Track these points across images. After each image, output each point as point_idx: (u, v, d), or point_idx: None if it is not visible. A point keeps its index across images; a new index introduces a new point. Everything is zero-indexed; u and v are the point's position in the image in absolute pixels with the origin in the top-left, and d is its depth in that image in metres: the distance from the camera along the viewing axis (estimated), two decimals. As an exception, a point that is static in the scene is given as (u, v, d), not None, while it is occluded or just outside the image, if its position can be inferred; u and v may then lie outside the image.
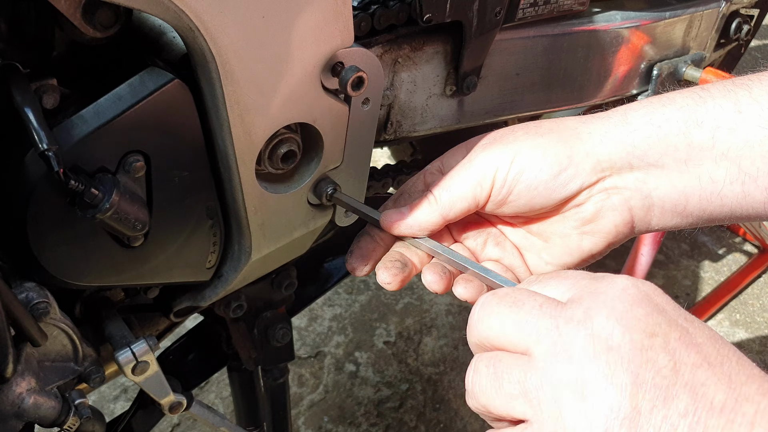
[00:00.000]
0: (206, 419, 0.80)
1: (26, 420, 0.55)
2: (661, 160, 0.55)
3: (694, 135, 0.53)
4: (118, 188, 0.51)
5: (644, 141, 0.55)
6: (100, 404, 1.77)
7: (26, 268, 0.54)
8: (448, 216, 0.59)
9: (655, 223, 0.58)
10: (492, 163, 0.57)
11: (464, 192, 0.58)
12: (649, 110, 0.56)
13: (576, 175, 0.56)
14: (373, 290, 2.13)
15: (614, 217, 0.57)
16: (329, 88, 0.59)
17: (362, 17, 0.71)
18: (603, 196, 0.57)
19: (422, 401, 1.82)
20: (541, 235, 0.61)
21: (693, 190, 0.54)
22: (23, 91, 0.48)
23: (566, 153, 0.56)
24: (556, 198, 0.57)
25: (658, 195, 0.56)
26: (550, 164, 0.56)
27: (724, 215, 0.55)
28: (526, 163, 0.56)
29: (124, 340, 0.64)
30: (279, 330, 0.92)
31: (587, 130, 0.57)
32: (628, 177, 0.56)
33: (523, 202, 0.57)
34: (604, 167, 0.56)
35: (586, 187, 0.57)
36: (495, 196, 0.58)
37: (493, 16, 0.80)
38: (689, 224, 0.58)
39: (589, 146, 0.56)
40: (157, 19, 0.56)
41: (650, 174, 0.55)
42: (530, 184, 0.56)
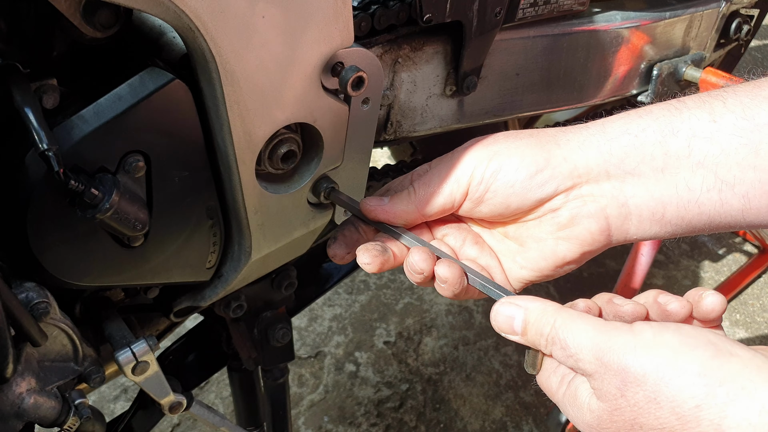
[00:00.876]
0: (206, 419, 0.80)
1: (26, 420, 0.55)
2: (638, 169, 0.56)
3: (671, 144, 0.54)
4: (118, 188, 0.51)
5: (621, 149, 0.56)
6: (100, 404, 1.77)
7: (26, 268, 0.54)
8: (424, 210, 0.60)
9: (633, 231, 0.58)
10: (471, 161, 0.59)
11: (441, 188, 0.60)
12: (626, 121, 0.57)
13: (552, 177, 0.57)
14: (373, 290, 2.13)
15: (590, 225, 0.58)
16: (329, 88, 0.59)
17: (362, 17, 0.71)
18: (579, 203, 0.58)
19: (422, 401, 1.82)
20: (518, 239, 0.62)
21: (670, 198, 0.55)
22: (23, 91, 0.48)
23: (544, 156, 0.57)
24: (532, 198, 0.58)
25: (635, 203, 0.57)
26: (527, 165, 0.57)
27: (703, 223, 0.56)
28: (504, 162, 0.58)
29: (124, 340, 0.64)
30: (279, 330, 0.92)
31: (565, 138, 0.59)
32: (604, 185, 0.57)
33: (499, 200, 0.59)
34: (581, 173, 0.57)
35: (562, 191, 0.58)
36: (472, 194, 0.59)
37: (493, 16, 0.80)
38: (668, 233, 0.58)
39: (566, 151, 0.58)
40: (157, 19, 0.56)
41: (627, 182, 0.57)
42: (507, 182, 0.58)
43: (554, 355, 0.49)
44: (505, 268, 0.63)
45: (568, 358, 0.47)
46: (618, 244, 0.60)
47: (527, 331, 0.50)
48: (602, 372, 0.45)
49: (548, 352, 0.49)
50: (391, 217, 0.61)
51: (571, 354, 0.47)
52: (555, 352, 0.48)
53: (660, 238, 0.60)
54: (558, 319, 0.48)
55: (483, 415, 1.79)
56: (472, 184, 0.59)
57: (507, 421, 1.79)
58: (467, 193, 0.60)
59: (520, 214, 0.60)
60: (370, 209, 0.61)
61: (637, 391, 0.43)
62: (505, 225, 0.63)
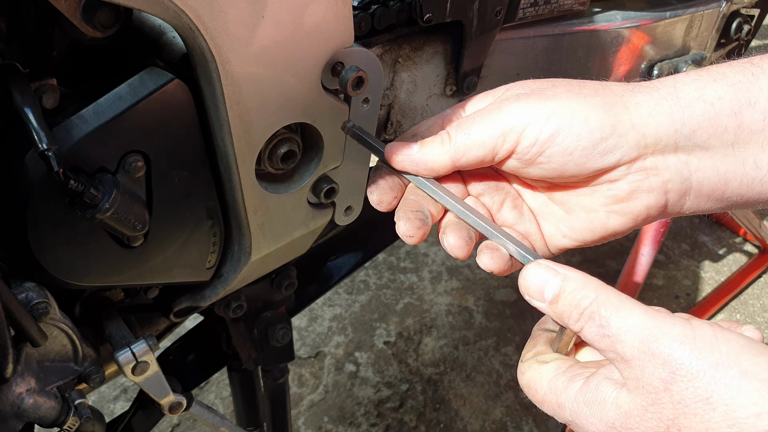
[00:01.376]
0: (206, 419, 0.80)
1: (26, 420, 0.55)
2: (708, 142, 0.51)
3: (746, 116, 0.49)
4: (117, 188, 0.51)
5: (695, 119, 0.50)
6: (100, 404, 1.77)
7: (26, 268, 0.54)
8: (459, 161, 0.54)
9: (688, 207, 0.54)
10: (524, 116, 0.52)
11: (484, 139, 0.52)
12: (700, 84, 0.51)
13: (617, 146, 0.51)
14: (373, 290, 2.13)
15: (648, 200, 0.53)
16: (329, 88, 0.59)
17: (362, 17, 0.71)
18: (641, 176, 0.52)
19: (422, 401, 1.82)
20: (564, 205, 0.56)
21: (735, 175, 0.51)
22: (23, 91, 0.48)
23: (610, 121, 0.51)
24: (591, 168, 0.52)
25: (698, 178, 0.52)
26: (591, 130, 0.51)
27: (762, 201, 0.52)
28: (564, 125, 0.51)
29: (123, 340, 0.64)
30: (279, 330, 0.92)
31: (635, 101, 0.52)
32: (670, 158, 0.52)
33: (554, 166, 0.52)
34: (648, 143, 0.51)
35: (625, 163, 0.52)
36: (522, 154, 0.53)
37: (493, 15, 0.79)
38: (722, 208, 0.54)
39: (636, 117, 0.51)
40: (157, 19, 0.56)
41: (693, 155, 0.52)
42: (566, 148, 0.51)
43: (585, 333, 0.44)
44: (545, 234, 0.57)
45: (603, 338, 0.43)
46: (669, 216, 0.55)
47: (558, 300, 0.45)
48: (646, 359, 0.40)
49: (578, 328, 0.44)
50: (421, 167, 0.54)
51: (610, 334, 0.42)
52: (588, 330, 0.44)
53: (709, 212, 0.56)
54: (602, 295, 0.44)
55: (483, 415, 1.79)
56: (522, 143, 0.52)
57: (507, 421, 1.79)
58: (514, 151, 0.53)
59: (572, 183, 0.55)
60: (397, 158, 0.54)
61: (687, 386, 0.38)
62: (552, 189, 0.57)
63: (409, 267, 2.21)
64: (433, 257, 2.26)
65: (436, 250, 2.29)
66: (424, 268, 2.21)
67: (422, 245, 2.30)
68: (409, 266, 2.21)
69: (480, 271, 2.21)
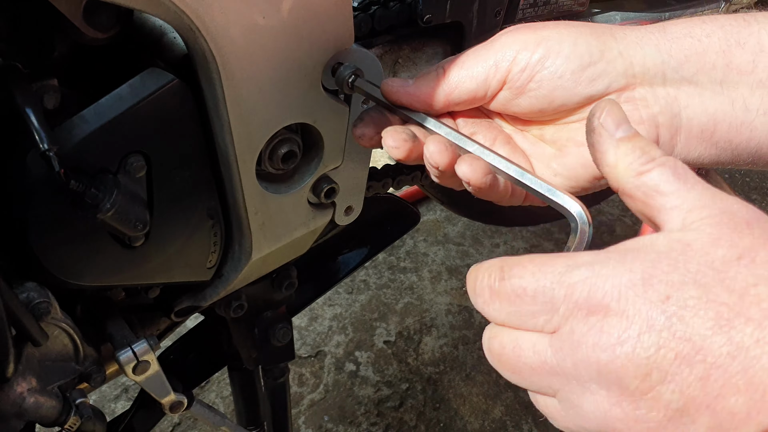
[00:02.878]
0: (207, 419, 0.80)
1: (27, 419, 0.55)
2: (696, 77, 0.51)
3: (735, 55, 0.49)
4: (118, 188, 0.51)
5: (681, 52, 0.51)
6: (101, 404, 1.77)
7: (27, 267, 0.54)
8: (452, 95, 0.54)
9: (679, 150, 0.53)
10: (514, 44, 0.52)
11: (476, 70, 0.52)
12: (689, 24, 0.52)
13: (605, 72, 0.51)
14: (373, 290, 2.13)
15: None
16: (329, 89, 0.59)
17: (362, 18, 0.71)
18: (630, 107, 0.52)
19: (422, 401, 1.82)
20: (556, 143, 0.56)
21: (724, 115, 0.51)
22: (24, 92, 0.48)
23: (598, 47, 0.51)
24: (581, 94, 0.52)
25: (687, 115, 0.52)
26: (579, 54, 0.51)
27: (749, 152, 0.52)
28: (553, 48, 0.51)
29: (124, 339, 0.64)
30: (279, 329, 0.92)
31: (622, 33, 0.53)
32: (659, 90, 0.52)
33: (543, 92, 0.52)
34: (636, 72, 0.51)
35: (614, 91, 0.52)
36: (513, 81, 0.52)
37: (492, 16, 0.80)
38: (713, 157, 0.53)
39: (623, 46, 0.52)
40: (158, 20, 0.56)
41: (682, 90, 0.51)
42: (555, 71, 0.51)
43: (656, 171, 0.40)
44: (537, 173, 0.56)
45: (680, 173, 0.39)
46: None
47: (632, 139, 0.42)
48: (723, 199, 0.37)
49: (645, 169, 0.40)
50: (414, 100, 0.54)
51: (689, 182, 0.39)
52: (662, 167, 0.40)
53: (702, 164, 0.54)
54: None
55: (483, 415, 1.80)
56: (513, 70, 0.52)
57: (507, 420, 1.79)
58: (506, 80, 0.52)
59: (562, 113, 0.54)
60: (392, 90, 0.54)
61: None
62: (542, 125, 0.57)
63: (409, 267, 2.21)
64: (433, 257, 2.26)
65: (436, 250, 2.29)
66: (424, 268, 2.21)
67: (422, 245, 2.30)
68: (409, 266, 2.21)
69: (480, 270, 2.21)
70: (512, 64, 0.52)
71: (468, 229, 2.38)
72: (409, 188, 2.30)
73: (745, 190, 2.61)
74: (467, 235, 2.36)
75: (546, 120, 0.56)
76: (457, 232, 2.37)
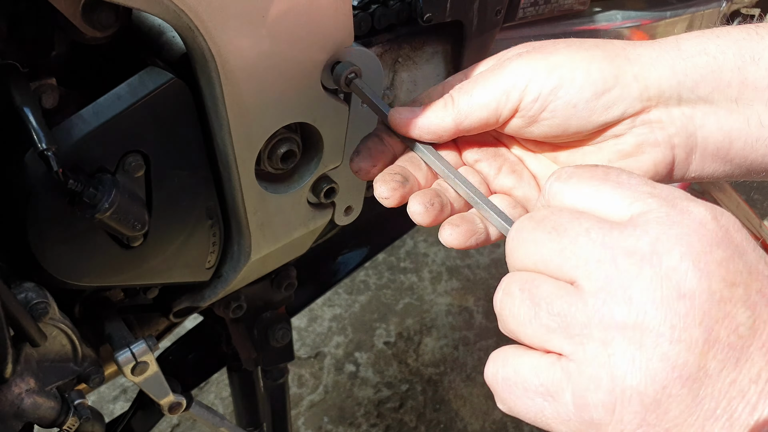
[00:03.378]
0: (206, 419, 0.80)
1: (25, 420, 0.55)
2: (711, 95, 0.50)
3: (749, 71, 0.49)
4: (117, 188, 0.51)
5: (697, 71, 0.50)
6: (100, 405, 1.77)
7: (26, 268, 0.54)
8: (462, 124, 0.52)
9: (693, 168, 0.53)
10: (525, 72, 0.51)
11: (487, 99, 0.51)
12: (702, 40, 0.51)
13: (621, 98, 0.50)
14: (373, 290, 2.13)
15: (655, 155, 0.52)
16: (329, 88, 0.59)
17: (362, 17, 0.71)
18: (646, 130, 0.51)
19: (422, 402, 1.82)
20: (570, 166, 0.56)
21: (739, 133, 0.50)
22: (23, 91, 0.48)
23: (612, 72, 0.50)
24: (596, 122, 0.51)
25: (703, 135, 0.51)
26: (593, 81, 0.50)
27: (766, 165, 0.51)
28: (566, 77, 0.50)
29: (123, 340, 0.64)
30: (279, 330, 0.92)
31: (636, 53, 0.52)
32: (674, 111, 0.51)
33: (557, 122, 0.51)
34: (651, 95, 0.51)
35: (629, 116, 0.51)
36: (525, 111, 0.51)
37: (493, 15, 0.79)
38: (726, 173, 0.53)
39: (637, 69, 0.51)
40: (157, 19, 0.56)
41: (698, 109, 0.51)
42: (569, 101, 0.50)
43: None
44: None
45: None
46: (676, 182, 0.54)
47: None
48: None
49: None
50: (424, 132, 0.52)
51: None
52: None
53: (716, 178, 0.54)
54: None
55: (483, 416, 1.79)
56: (525, 99, 0.51)
57: (507, 421, 1.79)
58: (518, 109, 0.52)
59: (577, 140, 0.53)
60: (400, 121, 0.53)
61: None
62: (556, 150, 0.56)
63: (409, 267, 2.21)
64: (433, 257, 2.26)
65: (436, 250, 2.29)
66: (424, 268, 2.21)
67: (422, 245, 2.30)
68: (409, 266, 2.21)
69: (480, 271, 2.21)
70: (524, 93, 0.51)
71: (468, 229, 2.38)
72: (409, 189, 2.29)
73: (746, 189, 2.61)
74: (467, 236, 2.36)
75: (560, 144, 0.55)
76: (457, 232, 2.37)
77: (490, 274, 2.18)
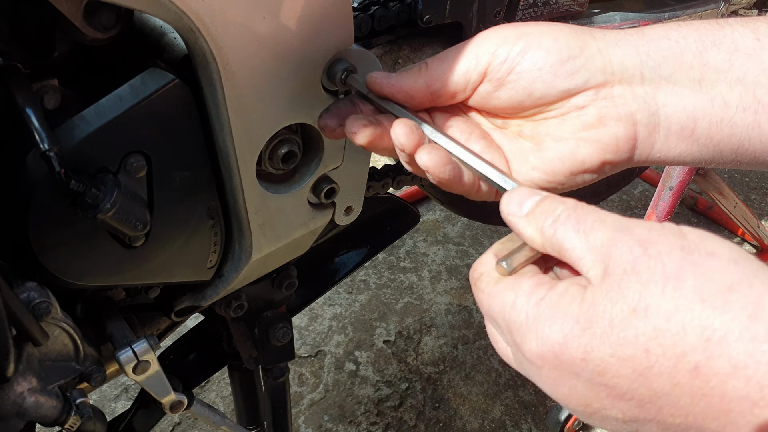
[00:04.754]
0: (207, 418, 0.80)
1: (27, 419, 0.55)
2: (674, 76, 0.52)
3: (711, 55, 0.51)
4: (119, 188, 0.51)
5: (659, 53, 0.52)
6: (101, 403, 1.77)
7: (28, 267, 0.54)
8: (433, 86, 0.55)
9: (659, 148, 0.54)
10: (495, 39, 0.54)
11: (457, 63, 0.54)
12: (665, 27, 0.53)
13: (584, 67, 0.52)
14: (373, 290, 2.13)
15: (617, 129, 0.53)
16: (329, 89, 0.59)
17: (362, 18, 0.71)
18: (608, 104, 0.53)
19: (422, 400, 1.82)
20: (534, 138, 0.56)
21: (703, 112, 0.52)
22: (25, 92, 0.48)
23: (578, 44, 0.53)
24: (559, 87, 0.53)
25: (666, 113, 0.53)
26: (559, 48, 0.52)
27: (731, 148, 0.53)
28: (533, 42, 0.53)
29: (125, 339, 0.64)
30: (279, 329, 0.92)
31: (601, 33, 0.54)
32: (637, 89, 0.53)
33: (522, 84, 0.53)
34: (614, 70, 0.53)
35: (592, 87, 0.53)
36: (493, 73, 0.54)
37: (492, 17, 0.80)
38: (694, 155, 0.54)
39: (602, 44, 0.53)
40: (158, 20, 0.56)
41: (661, 89, 0.53)
42: (534, 63, 0.52)
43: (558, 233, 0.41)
44: (513, 170, 0.57)
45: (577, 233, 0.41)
46: (640, 163, 0.55)
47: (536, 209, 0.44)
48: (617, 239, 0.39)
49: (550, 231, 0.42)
50: (396, 91, 0.55)
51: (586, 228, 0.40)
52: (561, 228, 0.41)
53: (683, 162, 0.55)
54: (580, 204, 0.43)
55: (482, 414, 1.80)
56: (493, 62, 0.53)
57: (506, 419, 1.79)
58: (486, 72, 0.54)
59: (541, 106, 0.55)
60: (375, 82, 0.55)
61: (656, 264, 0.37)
62: (521, 121, 0.57)
63: (409, 266, 2.21)
64: (432, 257, 2.26)
65: (436, 249, 2.29)
66: (424, 268, 2.22)
67: (422, 245, 2.30)
68: (409, 266, 2.21)
69: (480, 270, 2.21)
70: (492, 56, 0.53)
71: (468, 229, 2.38)
72: (409, 188, 2.30)
73: (744, 189, 2.61)
74: (467, 235, 2.36)
75: (524, 115, 0.57)
76: (456, 232, 2.37)
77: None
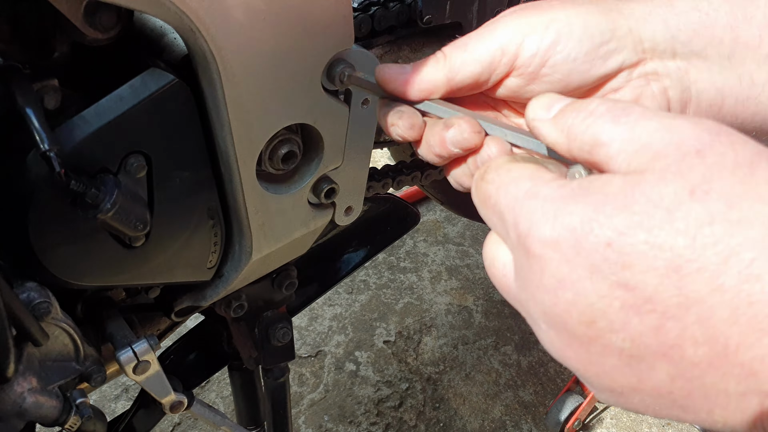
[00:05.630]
0: (207, 418, 0.80)
1: (27, 419, 0.55)
2: (705, 51, 0.50)
3: (742, 30, 0.49)
4: (119, 189, 0.51)
5: (690, 27, 0.50)
6: (102, 403, 1.77)
7: (28, 268, 0.54)
8: (454, 79, 0.50)
9: None
10: (522, 27, 0.49)
11: (481, 53, 0.49)
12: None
13: (617, 50, 0.50)
14: (373, 290, 2.13)
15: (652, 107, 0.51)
16: (329, 89, 0.59)
17: (362, 18, 0.71)
18: (642, 82, 0.51)
19: (422, 400, 1.82)
20: None
21: (731, 90, 0.50)
22: (25, 92, 0.48)
23: (609, 26, 0.50)
24: (595, 74, 0.50)
25: (697, 89, 0.51)
26: (591, 35, 0.49)
27: (756, 124, 0.52)
28: (564, 31, 0.49)
29: (125, 339, 0.64)
30: (280, 329, 0.92)
31: (629, 9, 0.51)
32: (670, 64, 0.51)
33: (558, 77, 0.50)
34: (646, 48, 0.50)
35: (627, 67, 0.51)
36: (524, 67, 0.50)
37: (492, 16, 0.80)
38: None
39: (632, 22, 0.50)
40: (159, 21, 0.56)
41: (692, 64, 0.51)
42: (568, 55, 0.49)
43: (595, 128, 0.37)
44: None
45: (618, 123, 0.36)
46: None
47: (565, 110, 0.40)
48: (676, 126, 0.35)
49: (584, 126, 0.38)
50: (413, 87, 0.50)
51: (629, 113, 0.36)
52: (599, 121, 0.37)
53: None
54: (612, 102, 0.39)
55: (482, 414, 1.80)
56: (522, 55, 0.49)
57: (506, 420, 1.79)
58: (514, 66, 0.50)
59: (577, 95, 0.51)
60: (388, 78, 0.50)
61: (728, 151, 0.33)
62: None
63: (409, 267, 2.21)
64: (432, 257, 2.26)
65: (436, 250, 2.29)
66: (424, 268, 2.22)
67: (422, 245, 2.30)
68: (409, 266, 2.22)
69: (479, 270, 2.22)
70: (520, 48, 0.49)
71: (468, 229, 2.38)
72: (409, 188, 2.30)
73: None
74: (467, 235, 2.36)
75: None
76: (456, 232, 2.37)
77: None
